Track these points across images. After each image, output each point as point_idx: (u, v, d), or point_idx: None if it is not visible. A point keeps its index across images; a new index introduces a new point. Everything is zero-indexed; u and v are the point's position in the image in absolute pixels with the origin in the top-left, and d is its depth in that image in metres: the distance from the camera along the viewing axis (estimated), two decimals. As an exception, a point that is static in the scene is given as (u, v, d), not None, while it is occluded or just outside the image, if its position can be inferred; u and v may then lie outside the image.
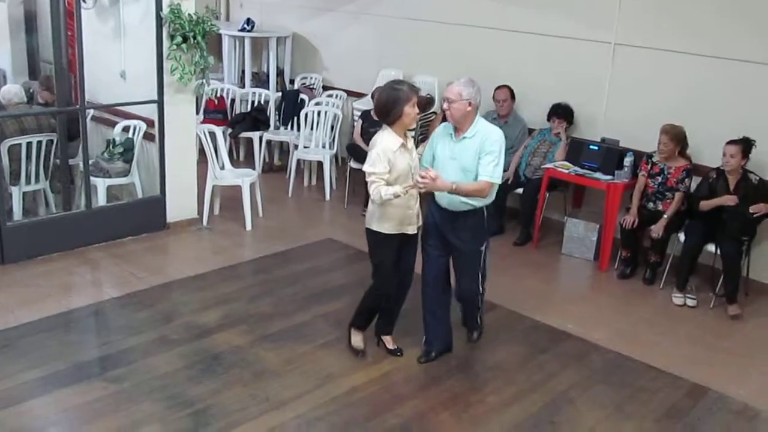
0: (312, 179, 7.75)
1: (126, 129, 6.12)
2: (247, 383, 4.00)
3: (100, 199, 5.90)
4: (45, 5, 6.14)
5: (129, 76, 6.07)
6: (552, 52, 6.53)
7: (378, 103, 3.90)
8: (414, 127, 4.24)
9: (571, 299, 5.51)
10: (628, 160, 5.87)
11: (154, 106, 5.80)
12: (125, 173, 6.04)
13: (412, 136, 4.26)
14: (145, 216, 6.01)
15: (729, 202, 5.20)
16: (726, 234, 5.19)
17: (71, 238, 5.58)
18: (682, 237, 5.52)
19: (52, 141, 5.74)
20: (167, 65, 5.66)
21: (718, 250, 5.24)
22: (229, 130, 7.88)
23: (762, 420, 3.97)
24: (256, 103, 8.25)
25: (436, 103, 7.04)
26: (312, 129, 7.42)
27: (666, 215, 5.51)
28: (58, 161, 5.80)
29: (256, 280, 5.42)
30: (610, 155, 6.02)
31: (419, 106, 3.99)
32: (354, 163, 6.88)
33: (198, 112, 7.13)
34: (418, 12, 7.48)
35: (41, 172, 5.82)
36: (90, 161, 5.76)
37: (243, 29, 8.37)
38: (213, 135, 6.39)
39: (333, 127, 7.46)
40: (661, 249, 5.62)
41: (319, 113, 7.39)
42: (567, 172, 6.08)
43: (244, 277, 5.46)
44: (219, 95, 8.24)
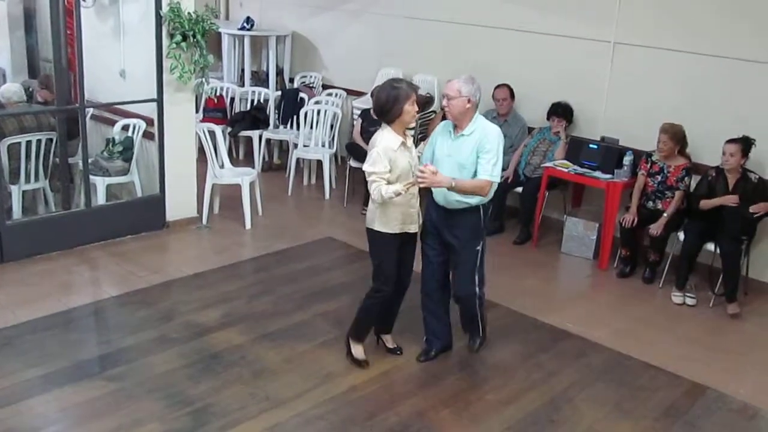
0: (311, 178, 7.75)
1: (125, 128, 6.12)
2: (247, 382, 4.00)
3: (100, 198, 5.89)
4: (44, 4, 6.12)
5: (128, 74, 6.07)
6: (552, 50, 6.52)
7: (377, 102, 3.88)
8: (413, 125, 4.24)
9: (571, 298, 5.52)
10: (628, 159, 5.87)
11: (154, 104, 5.80)
12: (125, 172, 6.04)
13: (411, 135, 4.26)
14: (144, 215, 6.01)
15: (730, 202, 5.19)
16: (725, 233, 5.19)
17: (71, 236, 5.58)
18: (681, 236, 5.52)
19: (51, 140, 5.74)
20: (167, 64, 5.66)
21: (718, 249, 5.24)
22: (229, 129, 7.89)
23: (761, 419, 3.97)
24: (255, 102, 8.25)
25: (435, 102, 7.04)
26: (311, 128, 7.42)
27: (666, 214, 5.51)
28: (57, 160, 5.80)
29: (256, 278, 5.42)
30: (610, 154, 6.02)
31: (418, 104, 3.98)
32: (353, 162, 6.89)
33: (197, 110, 7.13)
34: (418, 11, 7.48)
35: (41, 170, 5.81)
36: (89, 160, 5.75)
37: (242, 28, 8.37)
38: (212, 134, 6.39)
39: (332, 125, 7.46)
40: (660, 248, 5.62)
41: (318, 112, 7.40)
42: (566, 171, 6.08)
43: (243, 276, 5.46)
44: (218, 94, 8.22)
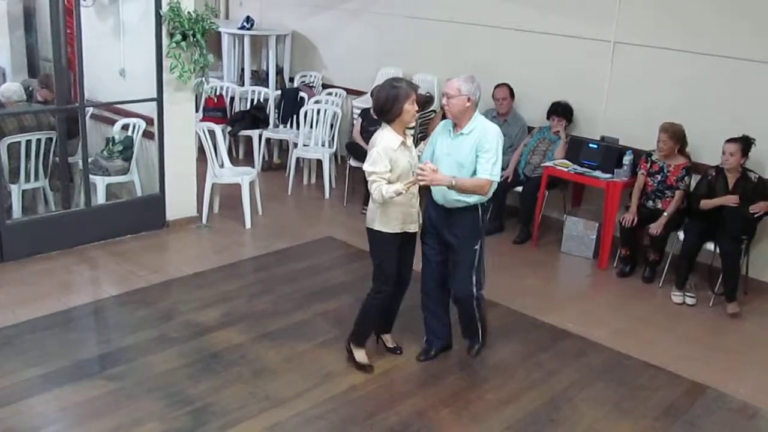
0: (311, 177, 7.75)
1: (125, 127, 6.11)
2: (247, 381, 4.00)
3: (100, 198, 5.89)
4: (44, 3, 6.11)
5: (128, 74, 6.07)
6: (551, 50, 6.52)
7: (377, 101, 3.88)
8: (413, 125, 4.24)
9: (571, 297, 5.52)
10: (628, 159, 5.87)
11: (154, 104, 5.80)
12: (124, 171, 6.04)
13: (411, 134, 4.26)
14: (144, 214, 6.01)
15: (730, 202, 5.19)
16: (725, 233, 5.19)
17: (70, 236, 5.58)
18: (681, 235, 5.52)
19: (51, 139, 5.74)
20: (167, 63, 5.66)
21: (718, 249, 5.24)
22: (229, 129, 7.88)
23: (761, 418, 3.98)
24: (255, 102, 8.25)
25: (435, 101, 7.03)
26: (311, 127, 7.42)
27: (666, 213, 5.51)
28: (57, 159, 5.79)
29: (256, 278, 5.42)
30: (610, 153, 6.02)
31: (418, 104, 3.98)
32: (353, 162, 6.88)
33: (197, 110, 7.13)
34: (418, 10, 7.47)
35: (41, 170, 5.81)
36: (89, 159, 5.75)
37: (242, 27, 8.37)
38: (212, 133, 6.39)
39: (332, 125, 7.45)
40: (660, 247, 5.62)
41: (318, 111, 7.39)
42: (566, 170, 6.08)
43: (243, 276, 5.46)
44: (218, 93, 8.22)
